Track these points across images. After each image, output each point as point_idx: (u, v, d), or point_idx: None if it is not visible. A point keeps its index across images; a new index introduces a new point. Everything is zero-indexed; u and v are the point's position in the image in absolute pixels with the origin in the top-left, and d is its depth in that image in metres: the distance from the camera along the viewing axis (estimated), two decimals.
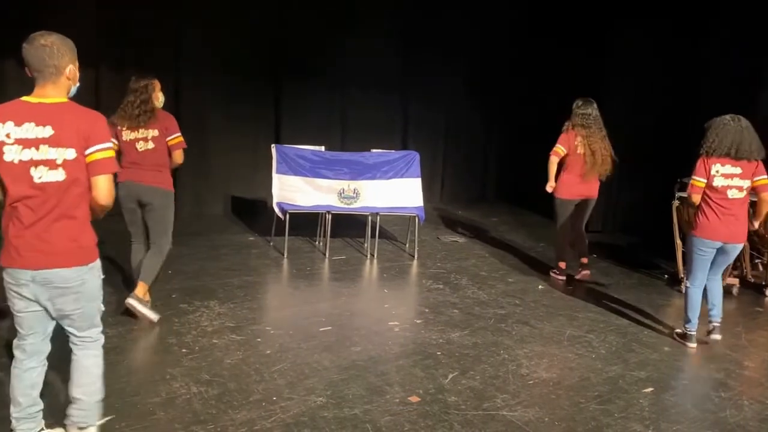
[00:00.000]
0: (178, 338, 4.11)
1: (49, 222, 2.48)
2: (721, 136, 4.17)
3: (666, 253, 6.27)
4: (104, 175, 2.54)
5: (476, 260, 6.51)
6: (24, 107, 2.48)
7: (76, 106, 2.54)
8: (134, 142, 4.29)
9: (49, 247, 2.49)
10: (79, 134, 2.47)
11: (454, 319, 4.75)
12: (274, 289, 5.56)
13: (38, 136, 2.43)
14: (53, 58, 2.47)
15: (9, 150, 2.41)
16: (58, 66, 2.48)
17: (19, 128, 2.43)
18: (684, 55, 7.42)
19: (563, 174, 5.66)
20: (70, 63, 2.54)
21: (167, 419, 3.11)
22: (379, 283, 5.79)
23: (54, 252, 2.50)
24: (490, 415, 3.33)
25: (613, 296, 5.51)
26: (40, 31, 2.50)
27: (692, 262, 4.40)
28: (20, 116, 2.44)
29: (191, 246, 5.96)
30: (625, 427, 3.27)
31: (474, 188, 10.16)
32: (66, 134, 2.45)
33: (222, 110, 7.66)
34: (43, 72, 2.47)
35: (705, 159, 4.22)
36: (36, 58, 2.46)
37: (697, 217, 4.32)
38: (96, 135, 2.51)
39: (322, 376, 3.66)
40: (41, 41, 2.46)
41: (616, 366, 4.05)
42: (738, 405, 3.62)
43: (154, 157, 4.33)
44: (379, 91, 8.66)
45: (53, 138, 2.44)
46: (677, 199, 5.78)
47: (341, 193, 6.44)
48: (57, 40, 2.50)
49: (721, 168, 4.17)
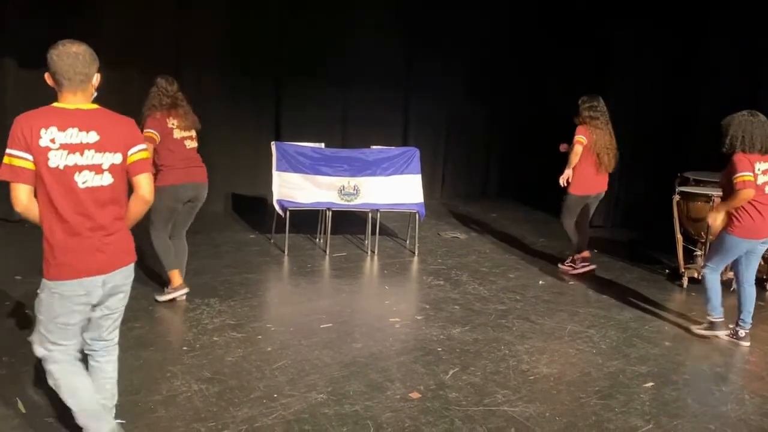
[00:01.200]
0: (178, 336, 4.11)
1: (106, 225, 2.53)
2: (750, 132, 4.07)
3: (667, 248, 6.26)
4: (146, 173, 2.65)
5: (477, 256, 6.51)
6: (63, 113, 2.46)
7: (110, 112, 2.61)
8: (183, 140, 4.56)
9: (112, 248, 2.56)
10: (123, 139, 2.57)
11: (454, 315, 4.75)
12: (274, 286, 5.57)
13: (83, 141, 2.45)
14: (85, 66, 2.49)
15: (54, 155, 2.40)
16: (88, 74, 2.51)
17: (63, 133, 2.42)
18: (684, 53, 7.41)
19: (578, 170, 5.67)
20: (96, 72, 2.56)
21: (168, 417, 3.11)
22: (380, 279, 5.79)
23: (116, 253, 2.58)
24: (491, 410, 3.33)
25: (613, 291, 5.50)
26: (67, 39, 2.51)
27: (721, 256, 4.31)
28: (63, 122, 2.43)
29: (191, 244, 5.91)
30: (625, 422, 3.28)
31: (475, 184, 10.15)
32: (111, 139, 2.52)
33: (222, 107, 7.65)
34: (73, 80, 2.46)
35: (746, 156, 4.07)
36: (67, 65, 2.45)
37: (738, 218, 4.15)
38: (135, 138, 2.64)
39: (323, 373, 3.67)
40: (73, 49, 2.47)
41: (616, 361, 4.05)
42: (739, 399, 3.62)
43: (197, 153, 4.69)
44: (380, 88, 8.64)
45: (99, 143, 2.48)
46: (678, 194, 5.77)
47: (341, 189, 6.44)
48: (87, 49, 2.53)
49: (759, 165, 4.08)
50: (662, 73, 7.60)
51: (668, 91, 7.57)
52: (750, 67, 6.78)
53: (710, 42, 7.20)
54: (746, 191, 4.04)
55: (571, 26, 8.61)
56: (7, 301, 4.52)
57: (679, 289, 5.68)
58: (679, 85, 7.48)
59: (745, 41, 6.79)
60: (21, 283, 4.86)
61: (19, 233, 6.05)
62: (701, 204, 5.57)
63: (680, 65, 7.47)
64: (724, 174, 4.22)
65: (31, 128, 2.36)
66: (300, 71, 8.13)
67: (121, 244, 2.61)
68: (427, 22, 8.85)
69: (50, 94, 2.53)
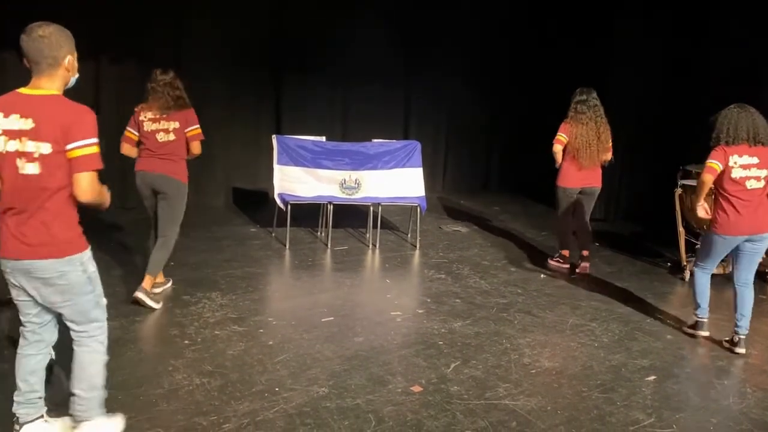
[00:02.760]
0: (180, 330, 4.11)
1: (28, 214, 2.50)
2: (734, 124, 4.03)
3: (669, 241, 6.24)
4: (86, 172, 2.48)
5: (478, 250, 6.50)
6: (15, 99, 2.49)
7: (63, 100, 2.51)
8: (155, 132, 4.49)
9: (25, 238, 2.51)
10: (59, 129, 2.43)
11: (456, 308, 4.75)
12: (276, 280, 5.57)
13: (21, 128, 2.43)
14: (52, 50, 2.45)
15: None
16: (56, 57, 2.47)
17: (6, 120, 2.44)
18: (685, 47, 7.38)
19: (563, 163, 5.65)
20: (69, 54, 2.52)
21: (170, 410, 3.12)
22: (381, 273, 5.79)
23: (29, 243, 2.52)
24: (493, 404, 3.33)
25: (615, 285, 5.50)
26: (39, 22, 2.48)
27: (707, 254, 4.26)
28: (9, 108, 2.45)
29: (193, 237, 5.95)
30: (627, 416, 3.27)
31: (476, 177, 10.12)
32: (45, 128, 2.43)
33: (223, 101, 7.64)
34: (40, 63, 2.46)
35: (724, 148, 4.04)
36: (34, 49, 2.44)
37: (717, 214, 4.12)
38: (78, 131, 2.45)
39: (325, 367, 3.67)
40: (39, 32, 2.44)
41: (618, 354, 4.05)
42: (741, 393, 3.61)
43: (172, 147, 4.54)
44: (381, 81, 8.62)
45: (32, 131, 2.43)
46: (680, 187, 5.76)
47: (343, 183, 6.42)
48: (55, 31, 2.48)
49: (739, 159, 4.01)
50: (663, 67, 7.57)
51: (669, 84, 7.54)
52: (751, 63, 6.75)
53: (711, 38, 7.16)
54: (703, 176, 4.11)
55: (574, 17, 8.56)
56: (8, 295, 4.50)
57: (681, 282, 5.67)
58: (681, 79, 7.45)
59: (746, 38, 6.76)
60: None
61: None
62: None
63: (682, 59, 7.43)
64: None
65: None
66: (301, 65, 8.10)
67: (36, 236, 2.50)
68: (428, 16, 8.80)
69: None
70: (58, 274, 2.57)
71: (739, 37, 6.81)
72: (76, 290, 2.64)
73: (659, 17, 7.47)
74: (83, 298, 2.67)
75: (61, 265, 2.56)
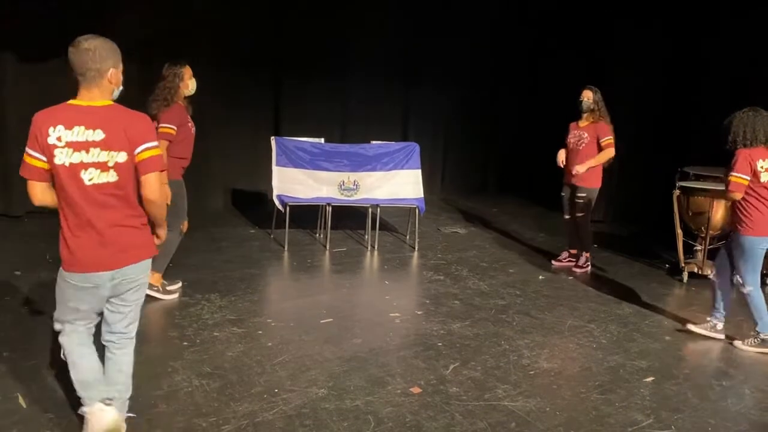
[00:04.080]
0: (179, 331, 4.11)
1: (106, 223, 2.55)
2: (751, 127, 4.03)
3: (667, 243, 6.26)
4: (153, 172, 2.59)
5: (477, 251, 6.51)
6: (74, 111, 2.51)
7: (122, 109, 2.58)
8: None
9: (116, 246, 2.58)
10: (127, 137, 2.52)
11: (454, 310, 4.75)
12: (275, 281, 5.57)
13: (88, 140, 2.47)
14: (95, 62, 2.50)
15: (59, 153, 2.46)
16: (99, 69, 2.52)
17: (69, 131, 2.46)
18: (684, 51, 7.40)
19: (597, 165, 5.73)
20: (112, 67, 2.56)
21: (169, 412, 3.11)
22: (380, 274, 5.79)
23: (123, 249, 2.60)
24: (492, 405, 3.33)
25: (614, 286, 5.51)
26: (86, 35, 2.53)
27: (748, 264, 4.14)
28: (70, 120, 2.48)
29: (192, 239, 5.94)
30: (626, 417, 3.28)
31: (475, 179, 10.14)
32: (116, 137, 2.50)
33: (222, 103, 7.63)
34: (85, 75, 2.51)
35: (748, 153, 4.01)
36: (79, 61, 2.49)
37: (747, 216, 4.07)
38: (142, 135, 2.56)
39: (324, 368, 3.67)
40: (85, 45, 2.49)
41: (617, 355, 4.05)
42: (739, 394, 3.62)
43: None
44: (380, 83, 8.64)
45: (104, 141, 2.48)
46: (678, 189, 5.77)
47: (341, 185, 6.43)
48: (100, 44, 2.53)
49: (763, 162, 4.01)
50: (662, 69, 7.59)
51: (668, 86, 7.57)
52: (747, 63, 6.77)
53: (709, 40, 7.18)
54: (732, 194, 4.09)
55: (574, 20, 8.58)
56: (7, 296, 4.52)
57: (679, 284, 5.69)
58: (679, 81, 7.47)
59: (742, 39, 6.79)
60: (21, 279, 4.86)
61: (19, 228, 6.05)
62: (701, 199, 5.58)
63: (680, 61, 7.46)
64: (726, 167, 4.19)
65: (41, 127, 2.46)
66: (300, 67, 8.11)
67: (128, 240, 2.61)
68: (427, 18, 8.83)
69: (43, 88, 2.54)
70: (142, 274, 2.71)
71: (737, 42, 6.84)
72: (144, 289, 2.80)
73: (659, 24, 7.49)
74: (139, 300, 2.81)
75: (143, 265, 2.71)
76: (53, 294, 2.69)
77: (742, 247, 4.15)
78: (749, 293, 4.17)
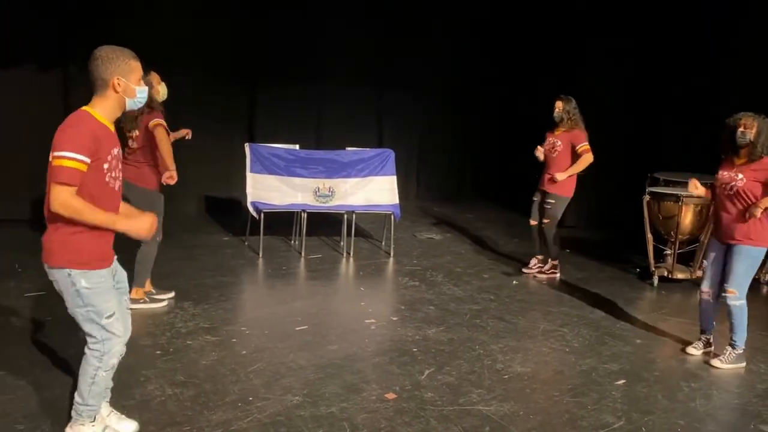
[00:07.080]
0: (152, 340, 4.07)
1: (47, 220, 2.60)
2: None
3: (638, 247, 6.37)
4: (53, 183, 2.44)
5: (452, 257, 6.55)
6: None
7: (74, 115, 2.55)
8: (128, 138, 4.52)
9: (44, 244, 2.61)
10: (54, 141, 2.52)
11: (429, 315, 4.78)
12: (249, 289, 5.54)
13: None
14: (98, 71, 2.54)
15: None
16: (103, 78, 2.55)
17: None
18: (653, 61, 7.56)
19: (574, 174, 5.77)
20: (116, 75, 2.56)
21: (142, 421, 3.07)
22: (356, 281, 5.79)
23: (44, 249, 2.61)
24: (466, 410, 3.36)
25: (586, 290, 5.58)
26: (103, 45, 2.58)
27: (750, 276, 4.02)
28: None
29: (165, 246, 5.88)
30: (598, 419, 3.33)
31: (450, 185, 10.20)
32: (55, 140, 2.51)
33: (195, 108, 7.55)
34: (93, 84, 2.58)
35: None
36: (89, 70, 2.56)
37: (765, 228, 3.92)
38: (57, 142, 2.47)
39: (299, 375, 3.66)
40: (95, 54, 2.55)
41: (589, 359, 4.11)
42: (707, 395, 3.70)
43: (137, 155, 4.54)
44: (354, 90, 8.66)
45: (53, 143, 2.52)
46: (648, 194, 5.88)
47: (316, 191, 6.43)
48: (105, 54, 2.55)
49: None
50: (632, 76, 7.73)
51: (637, 94, 7.71)
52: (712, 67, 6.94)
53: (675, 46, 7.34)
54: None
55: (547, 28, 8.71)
56: None
57: (650, 288, 5.79)
58: (648, 88, 7.61)
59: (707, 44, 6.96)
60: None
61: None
62: (671, 204, 5.69)
63: (648, 67, 7.60)
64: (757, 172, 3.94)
65: None
66: (275, 73, 8.10)
67: (46, 243, 2.60)
68: (402, 23, 8.88)
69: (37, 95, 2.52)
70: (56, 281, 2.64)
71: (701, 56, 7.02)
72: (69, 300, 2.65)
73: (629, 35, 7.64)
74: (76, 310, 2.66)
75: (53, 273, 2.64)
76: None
77: (754, 260, 4.00)
78: (741, 306, 4.03)
